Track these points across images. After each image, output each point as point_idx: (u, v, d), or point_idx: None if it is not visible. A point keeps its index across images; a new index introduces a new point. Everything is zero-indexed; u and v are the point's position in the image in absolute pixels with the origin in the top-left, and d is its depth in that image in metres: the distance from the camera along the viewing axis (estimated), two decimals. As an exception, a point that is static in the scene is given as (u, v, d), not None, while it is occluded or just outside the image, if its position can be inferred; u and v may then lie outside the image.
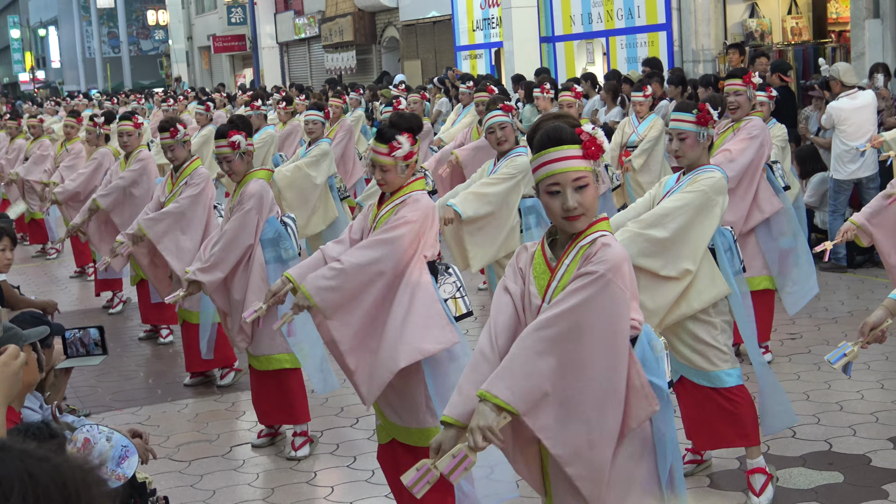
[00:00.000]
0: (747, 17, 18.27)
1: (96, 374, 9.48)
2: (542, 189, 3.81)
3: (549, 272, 3.85)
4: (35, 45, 75.67)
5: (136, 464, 4.52)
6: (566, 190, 3.74)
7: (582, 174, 3.75)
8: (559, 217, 3.78)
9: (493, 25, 24.00)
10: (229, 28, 41.48)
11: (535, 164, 3.82)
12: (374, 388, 5.44)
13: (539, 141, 3.81)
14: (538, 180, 3.82)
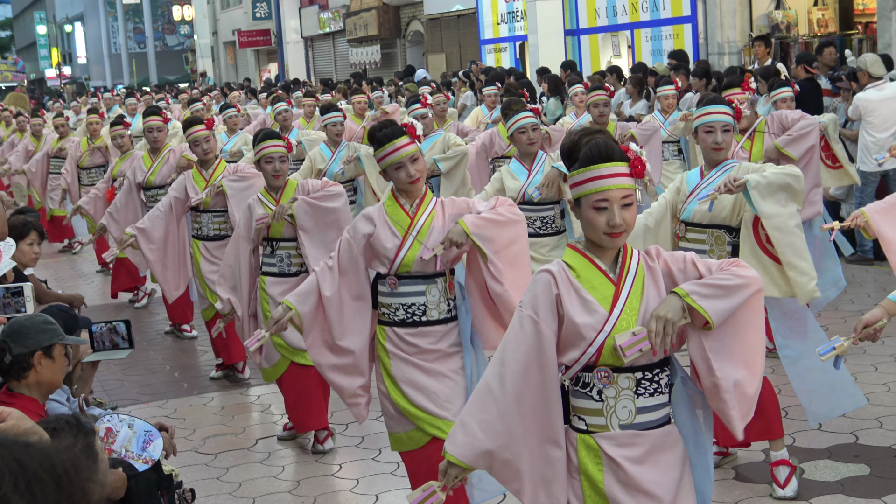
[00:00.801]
0: (773, 8, 18.19)
1: (123, 367, 9.53)
2: (586, 203, 3.74)
3: (612, 284, 3.79)
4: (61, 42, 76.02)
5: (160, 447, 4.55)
6: (613, 207, 3.71)
7: (629, 192, 3.74)
8: (601, 232, 3.74)
9: (517, 19, 23.97)
10: (254, 23, 41.55)
11: (581, 178, 3.75)
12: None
13: (588, 155, 3.75)
14: (583, 194, 3.75)
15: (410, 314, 5.46)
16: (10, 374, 4.65)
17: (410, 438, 5.56)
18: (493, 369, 3.80)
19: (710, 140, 6.05)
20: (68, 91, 51.65)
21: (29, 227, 7.32)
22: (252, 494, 6.74)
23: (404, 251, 5.41)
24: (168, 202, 8.97)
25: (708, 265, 3.83)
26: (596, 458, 3.78)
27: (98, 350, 5.66)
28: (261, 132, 7.65)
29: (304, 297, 5.48)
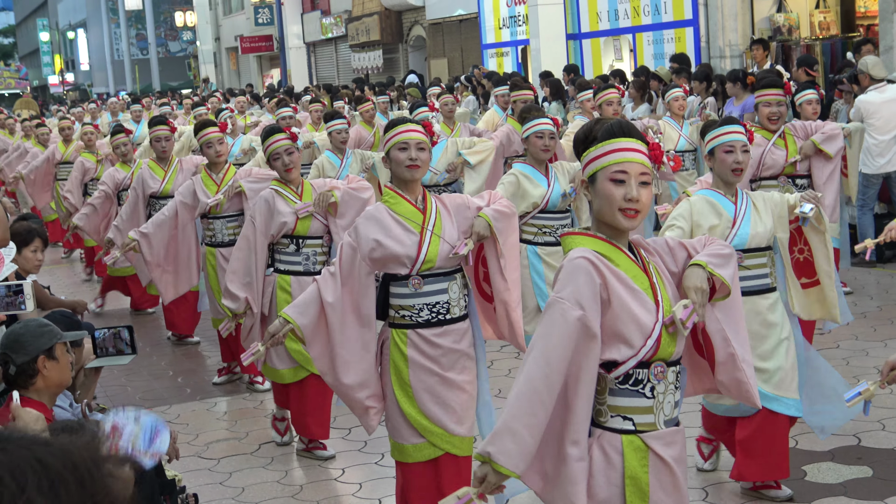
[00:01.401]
0: (775, 11, 18.20)
1: (126, 373, 9.54)
2: (603, 177, 3.65)
3: (643, 272, 3.72)
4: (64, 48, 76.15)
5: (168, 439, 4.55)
6: (631, 181, 3.63)
7: (647, 170, 3.68)
8: (617, 207, 3.63)
9: (519, 23, 23.99)
10: (256, 29, 41.61)
11: (599, 152, 3.68)
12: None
13: (608, 130, 3.70)
14: (600, 167, 3.67)
15: (435, 313, 5.36)
16: (18, 383, 4.65)
17: (419, 451, 5.44)
18: (538, 369, 3.55)
19: (730, 160, 5.83)
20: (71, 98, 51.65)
21: (33, 234, 7.32)
22: (255, 499, 6.74)
23: (426, 247, 5.31)
24: (174, 207, 8.87)
25: (691, 242, 3.90)
26: (643, 459, 3.67)
27: (101, 356, 5.66)
28: (264, 130, 7.62)
29: (303, 308, 5.35)
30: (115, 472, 1.71)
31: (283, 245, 7.26)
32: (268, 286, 7.26)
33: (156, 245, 8.87)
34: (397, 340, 5.37)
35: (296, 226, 7.18)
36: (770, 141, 8.47)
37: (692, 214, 5.82)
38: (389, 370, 5.43)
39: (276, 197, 7.22)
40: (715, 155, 5.91)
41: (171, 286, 9.17)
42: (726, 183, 5.90)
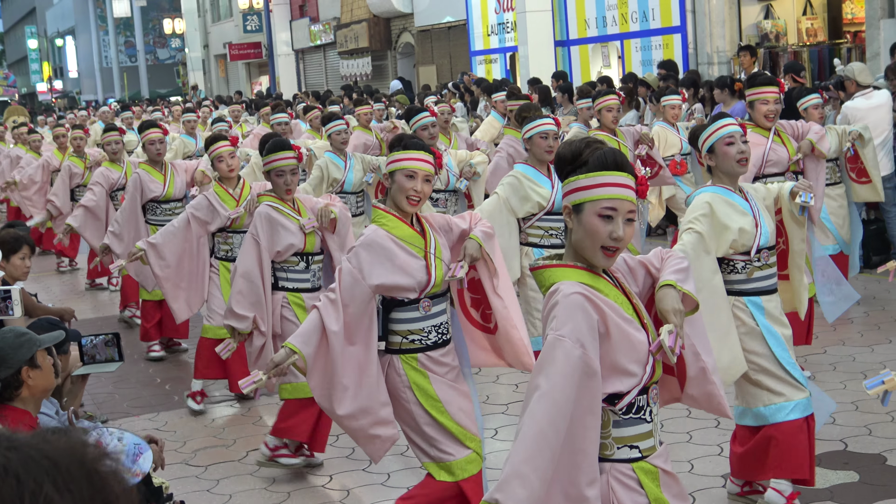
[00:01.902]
0: (762, 18, 18.25)
1: (113, 380, 9.53)
2: (591, 210, 3.55)
3: (626, 298, 3.67)
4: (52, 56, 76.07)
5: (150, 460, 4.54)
6: (619, 218, 3.55)
7: (633, 208, 3.59)
8: (600, 245, 3.55)
9: (507, 30, 24.02)
10: (245, 36, 41.60)
11: (588, 182, 3.57)
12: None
13: (602, 160, 3.58)
14: (589, 199, 3.56)
15: (441, 334, 5.38)
16: (3, 396, 4.63)
17: (470, 463, 5.39)
18: (543, 410, 3.41)
19: (734, 151, 5.70)
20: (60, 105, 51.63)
21: (21, 242, 7.31)
22: (243, 506, 6.74)
23: (434, 270, 5.30)
24: (185, 220, 8.61)
25: (649, 259, 3.87)
26: (656, 480, 3.65)
27: (88, 363, 5.65)
28: (270, 141, 7.31)
29: (307, 338, 5.21)
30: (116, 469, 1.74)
31: (291, 263, 7.11)
32: (274, 305, 7.11)
33: (167, 257, 8.61)
34: (410, 364, 5.33)
35: (305, 243, 7.10)
36: (769, 139, 8.48)
37: (714, 215, 5.63)
38: (413, 394, 5.35)
39: (277, 214, 7.08)
40: (716, 150, 5.76)
41: (185, 304, 8.87)
42: (731, 177, 5.76)
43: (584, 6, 21.43)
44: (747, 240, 5.68)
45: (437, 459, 5.39)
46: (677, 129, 11.23)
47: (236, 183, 8.73)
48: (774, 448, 5.72)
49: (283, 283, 7.13)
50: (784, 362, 5.70)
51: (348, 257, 5.31)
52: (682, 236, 5.58)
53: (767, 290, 5.78)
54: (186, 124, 16.82)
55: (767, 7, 18.32)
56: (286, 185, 7.14)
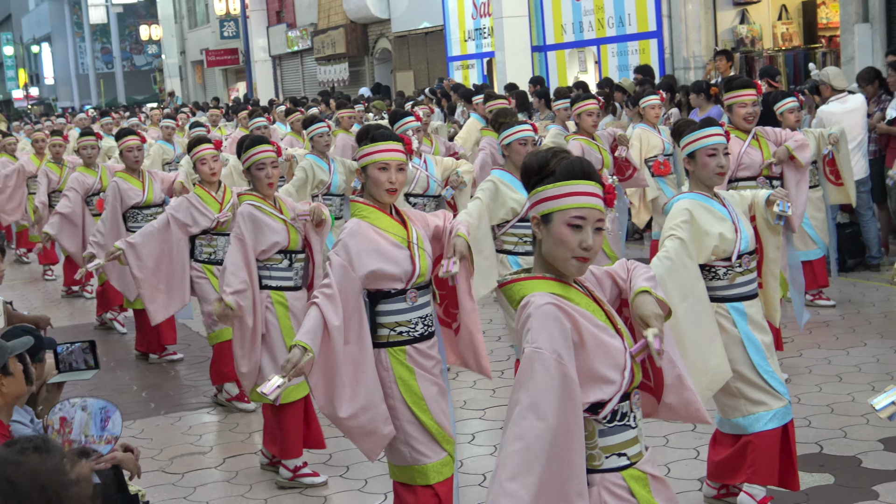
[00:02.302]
0: (738, 23, 18.33)
1: (89, 387, 9.48)
2: (560, 219, 3.53)
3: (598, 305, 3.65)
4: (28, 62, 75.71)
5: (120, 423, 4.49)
6: (588, 227, 3.53)
7: (602, 217, 3.57)
8: (571, 254, 3.53)
9: (484, 35, 24.05)
10: (222, 42, 41.52)
11: (557, 192, 3.54)
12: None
13: (569, 169, 3.56)
14: (557, 209, 3.54)
15: (427, 326, 5.36)
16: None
17: (443, 466, 5.38)
18: (528, 424, 3.32)
19: (714, 164, 5.69)
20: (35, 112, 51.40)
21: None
22: (219, 513, 6.72)
23: (418, 260, 5.29)
24: (165, 220, 8.61)
25: (615, 269, 3.88)
26: (646, 486, 3.61)
27: (63, 371, 5.62)
28: (247, 139, 7.29)
29: (314, 335, 5.08)
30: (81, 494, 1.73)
31: (275, 261, 7.05)
32: (258, 305, 7.03)
33: (145, 258, 8.59)
34: (398, 357, 5.28)
35: (289, 241, 7.04)
36: (745, 141, 8.51)
37: (694, 221, 5.62)
38: (397, 390, 5.32)
39: (260, 213, 7.02)
40: (696, 158, 5.74)
41: (163, 306, 8.82)
42: (707, 186, 5.77)
43: (560, 11, 21.47)
44: (728, 245, 5.68)
45: (411, 461, 5.37)
46: (658, 131, 11.24)
47: (218, 186, 8.74)
48: (751, 454, 5.74)
49: (266, 281, 7.07)
50: (761, 370, 5.70)
51: (336, 251, 5.24)
52: (665, 243, 5.54)
53: (749, 296, 5.79)
54: (164, 130, 16.78)
55: (743, 12, 18.40)
56: (267, 177, 7.08)
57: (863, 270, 11.77)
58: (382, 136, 5.39)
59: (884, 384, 7.94)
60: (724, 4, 18.45)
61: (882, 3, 14.76)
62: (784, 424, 5.77)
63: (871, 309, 10.29)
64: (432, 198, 9.88)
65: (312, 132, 10.56)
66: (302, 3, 35.49)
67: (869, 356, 8.76)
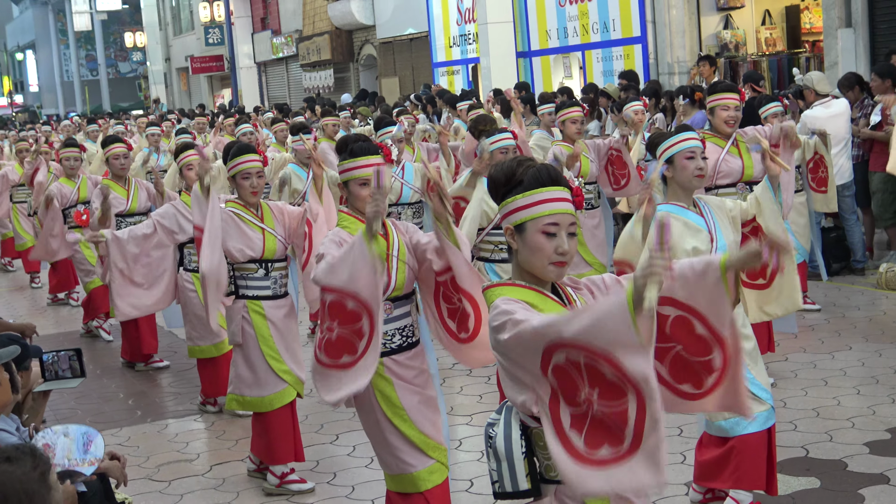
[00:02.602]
0: (721, 28, 18.39)
1: (76, 395, 9.47)
2: (534, 228, 3.56)
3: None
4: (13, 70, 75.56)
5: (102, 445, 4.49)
6: (562, 232, 3.56)
7: (574, 220, 3.60)
8: (548, 261, 3.56)
9: (469, 41, 24.07)
10: (207, 49, 41.50)
11: (527, 202, 3.58)
12: None
13: (537, 178, 3.59)
14: (530, 218, 3.57)
15: (405, 337, 5.36)
16: None
17: (433, 473, 5.38)
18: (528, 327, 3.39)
19: (692, 167, 5.73)
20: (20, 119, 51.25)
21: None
22: (207, 521, 6.71)
23: (395, 273, 5.29)
24: (151, 225, 8.60)
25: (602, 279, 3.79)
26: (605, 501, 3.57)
27: (49, 379, 5.62)
28: (234, 147, 7.27)
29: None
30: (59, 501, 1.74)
31: (249, 270, 7.01)
32: (235, 314, 7.02)
33: (126, 254, 8.47)
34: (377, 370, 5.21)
35: (264, 250, 7.00)
36: (724, 149, 8.51)
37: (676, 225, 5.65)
38: (376, 402, 5.34)
39: (239, 220, 7.00)
40: (675, 163, 5.77)
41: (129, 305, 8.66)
42: (686, 191, 5.79)
43: (545, 17, 21.51)
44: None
45: (399, 471, 5.39)
46: (643, 136, 11.24)
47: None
48: (735, 458, 5.75)
49: (243, 290, 7.04)
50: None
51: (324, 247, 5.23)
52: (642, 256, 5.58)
53: None
54: (150, 138, 16.74)
55: (727, 17, 18.46)
56: (252, 187, 7.04)
57: (848, 275, 11.81)
58: (362, 151, 5.42)
59: (869, 388, 8.01)
60: (708, 10, 18.51)
61: (865, 8, 14.83)
62: (767, 428, 5.79)
63: (856, 313, 10.32)
64: (407, 205, 9.74)
65: (295, 143, 10.63)
66: (287, 10, 35.49)
67: (854, 360, 8.79)
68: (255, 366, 6.95)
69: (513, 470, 3.57)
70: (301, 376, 7.07)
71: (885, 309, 10.43)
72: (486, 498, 6.51)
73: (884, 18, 14.86)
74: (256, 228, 7.02)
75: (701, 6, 18.41)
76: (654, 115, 13.88)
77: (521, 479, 3.57)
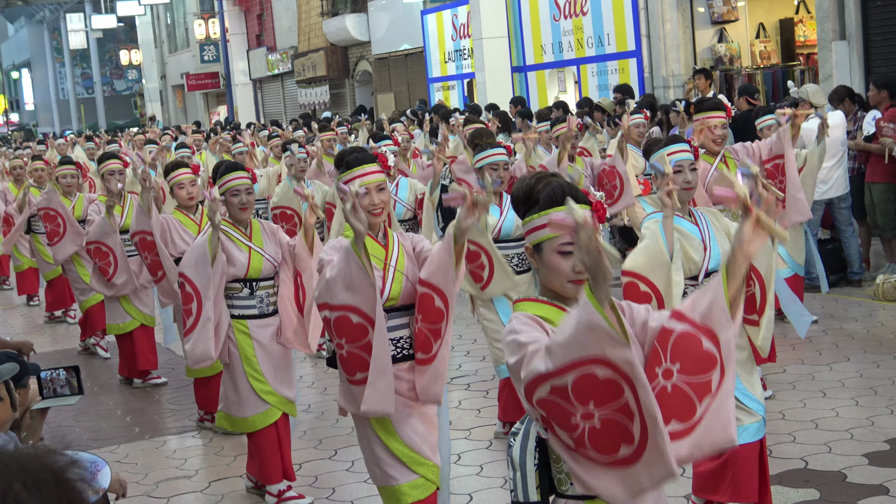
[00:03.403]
0: (716, 42, 18.43)
1: (74, 413, 9.46)
2: (549, 248, 3.57)
3: None
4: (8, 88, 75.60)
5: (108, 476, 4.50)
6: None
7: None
8: (566, 280, 3.57)
9: (464, 56, 24.12)
10: (202, 66, 41.57)
11: (542, 222, 3.58)
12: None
13: (551, 197, 3.57)
14: (546, 238, 3.57)
15: (400, 349, 5.32)
16: None
17: (416, 489, 5.35)
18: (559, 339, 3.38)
19: (680, 180, 5.79)
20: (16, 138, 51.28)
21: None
22: (206, 538, 6.70)
23: (389, 283, 5.27)
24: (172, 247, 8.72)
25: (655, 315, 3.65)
26: None
27: (47, 397, 5.61)
28: (222, 165, 7.27)
29: None
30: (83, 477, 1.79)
31: (234, 290, 6.97)
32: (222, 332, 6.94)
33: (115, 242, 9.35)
34: None
35: (248, 269, 6.95)
36: (713, 166, 8.51)
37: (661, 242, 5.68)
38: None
39: (227, 238, 6.93)
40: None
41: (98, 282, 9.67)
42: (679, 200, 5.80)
43: (540, 32, 21.56)
44: (694, 266, 5.74)
45: (383, 482, 5.40)
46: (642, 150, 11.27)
47: (195, 209, 8.76)
48: (730, 469, 5.75)
49: (230, 310, 7.01)
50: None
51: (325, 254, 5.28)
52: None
53: None
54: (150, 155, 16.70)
55: (721, 31, 18.51)
56: (241, 203, 7.01)
57: (845, 286, 11.82)
58: (357, 161, 5.42)
59: (868, 399, 8.01)
60: (703, 23, 18.56)
61: (859, 21, 14.87)
62: (759, 440, 5.79)
63: (854, 324, 10.33)
64: (400, 222, 9.57)
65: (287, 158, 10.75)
66: (282, 27, 35.56)
67: (852, 371, 8.79)
68: (238, 386, 6.94)
69: (525, 480, 3.59)
70: (289, 396, 7.00)
71: (882, 320, 10.44)
72: (485, 512, 6.51)
73: (878, 31, 14.90)
74: (243, 247, 6.96)
75: (695, 20, 18.47)
76: (650, 129, 13.90)
77: (531, 491, 3.58)
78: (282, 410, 7.00)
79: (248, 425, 6.98)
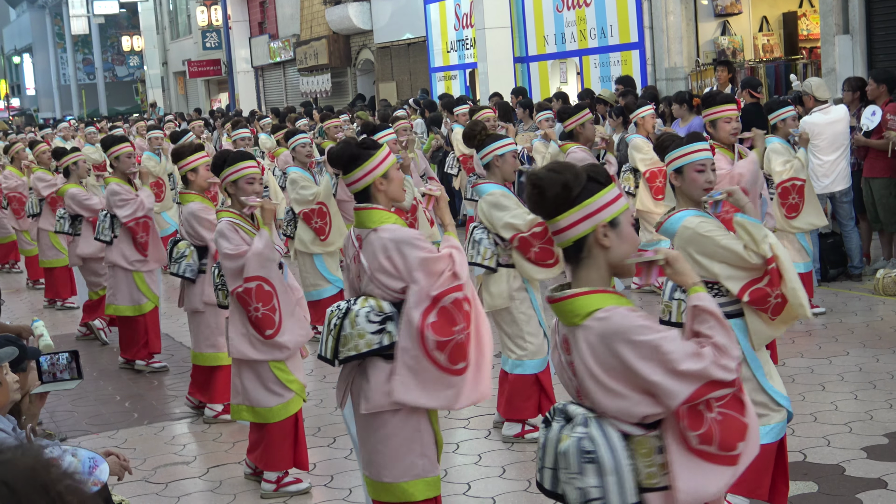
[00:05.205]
0: (719, 34, 18.40)
1: (73, 397, 9.46)
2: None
3: None
4: (10, 73, 75.54)
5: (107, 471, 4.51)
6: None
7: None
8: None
9: (467, 46, 24.08)
10: (204, 53, 41.48)
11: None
12: None
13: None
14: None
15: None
16: None
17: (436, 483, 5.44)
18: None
19: (702, 179, 5.56)
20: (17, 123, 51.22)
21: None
22: (203, 523, 6.70)
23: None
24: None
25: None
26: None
27: (46, 381, 5.61)
28: (229, 154, 7.26)
29: None
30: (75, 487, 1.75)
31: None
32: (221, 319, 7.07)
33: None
34: None
35: None
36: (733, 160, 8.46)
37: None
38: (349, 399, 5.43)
39: (238, 231, 6.94)
40: (684, 174, 5.59)
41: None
42: (695, 202, 5.63)
43: (542, 23, 21.52)
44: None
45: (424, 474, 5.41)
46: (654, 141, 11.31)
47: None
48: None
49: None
50: (764, 385, 5.66)
51: None
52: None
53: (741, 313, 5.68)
54: (153, 141, 16.66)
55: (724, 24, 18.47)
56: (254, 192, 7.06)
57: (845, 280, 11.81)
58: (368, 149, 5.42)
59: (867, 393, 8.01)
60: (706, 16, 18.53)
61: (862, 15, 14.85)
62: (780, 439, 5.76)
63: (854, 318, 10.33)
64: None
65: (295, 143, 10.74)
66: (284, 15, 35.50)
67: (852, 365, 8.79)
68: (263, 376, 6.92)
69: (621, 483, 3.41)
70: (304, 381, 7.08)
71: (882, 314, 10.44)
72: (483, 501, 6.51)
73: (881, 25, 14.88)
74: (252, 236, 6.95)
75: (699, 12, 18.43)
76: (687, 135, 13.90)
77: (629, 492, 3.43)
78: (302, 398, 7.03)
79: (273, 415, 6.94)
